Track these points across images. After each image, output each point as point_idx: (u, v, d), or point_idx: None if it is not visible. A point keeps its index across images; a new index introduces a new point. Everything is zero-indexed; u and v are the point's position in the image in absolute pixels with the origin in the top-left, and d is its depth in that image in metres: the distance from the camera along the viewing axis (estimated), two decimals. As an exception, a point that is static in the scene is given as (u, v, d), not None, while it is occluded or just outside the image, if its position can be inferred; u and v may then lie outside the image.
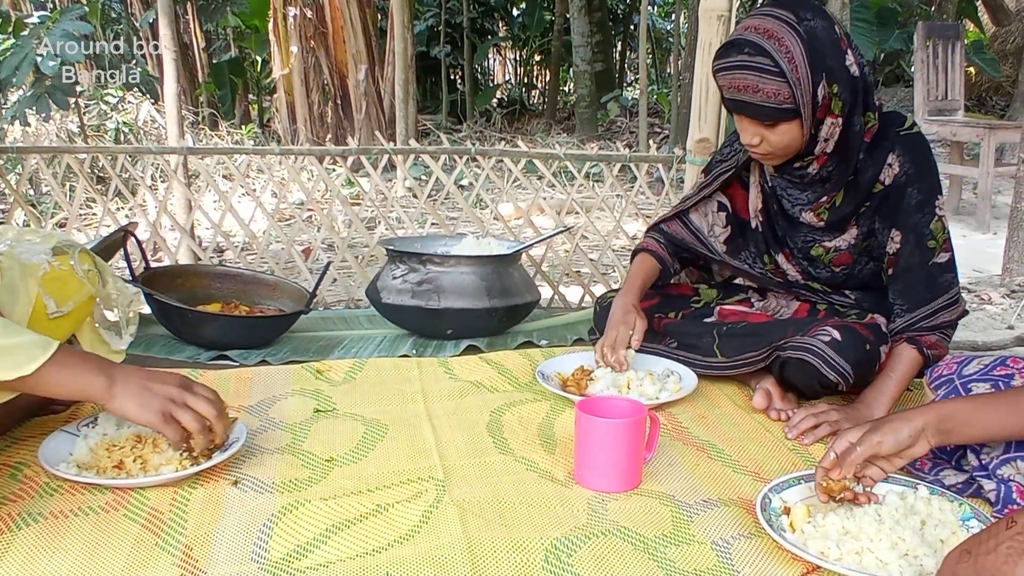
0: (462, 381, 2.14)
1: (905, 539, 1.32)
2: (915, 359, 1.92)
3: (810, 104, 1.83)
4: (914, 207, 1.94)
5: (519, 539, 1.39)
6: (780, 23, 1.81)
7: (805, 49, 1.79)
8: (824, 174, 1.98)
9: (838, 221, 2.03)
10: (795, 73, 1.79)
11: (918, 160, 1.94)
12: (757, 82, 1.80)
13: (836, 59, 1.83)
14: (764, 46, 1.79)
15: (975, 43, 10.02)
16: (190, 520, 1.43)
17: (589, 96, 10.47)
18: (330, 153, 3.23)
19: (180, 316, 2.35)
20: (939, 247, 1.95)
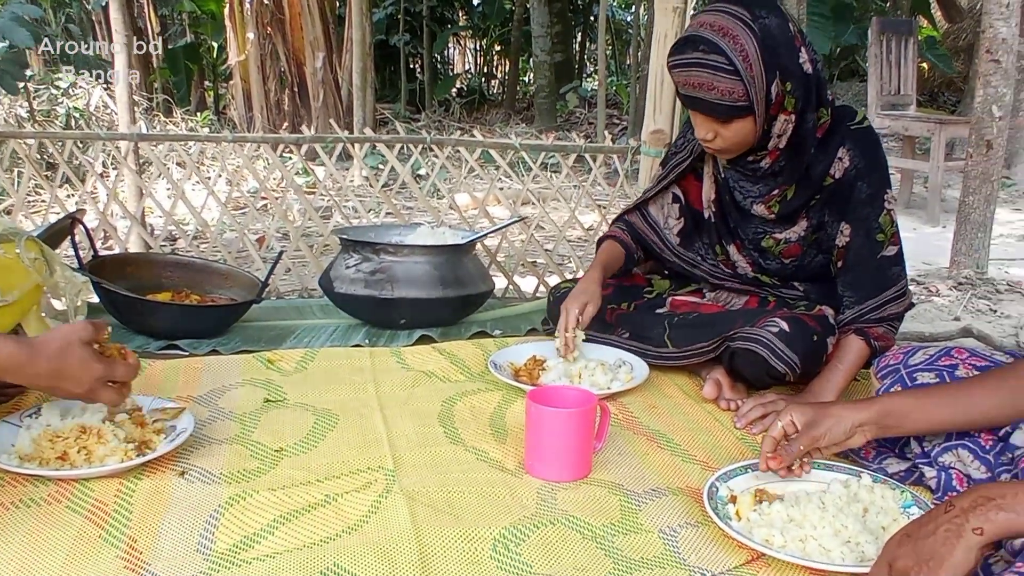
0: (414, 371, 2.13)
1: (848, 526, 1.34)
2: (863, 350, 1.95)
3: (764, 101, 1.85)
4: (864, 201, 1.97)
5: (467, 529, 1.39)
6: (735, 20, 1.81)
7: (759, 47, 1.80)
8: (776, 168, 2.00)
9: (789, 214, 2.06)
10: (749, 71, 1.80)
11: (868, 154, 1.96)
12: (712, 80, 1.81)
13: (790, 57, 1.85)
14: (719, 44, 1.80)
15: (928, 39, 10.17)
16: (135, 511, 1.41)
17: (548, 87, 10.48)
18: (284, 141, 3.20)
19: (129, 305, 2.32)
20: (887, 240, 1.98)
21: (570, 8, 13.03)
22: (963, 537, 1.05)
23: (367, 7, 8.00)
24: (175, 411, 1.70)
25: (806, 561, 1.29)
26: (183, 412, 1.70)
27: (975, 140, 4.16)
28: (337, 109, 8.48)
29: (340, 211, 3.24)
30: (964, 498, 1.09)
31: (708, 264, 2.26)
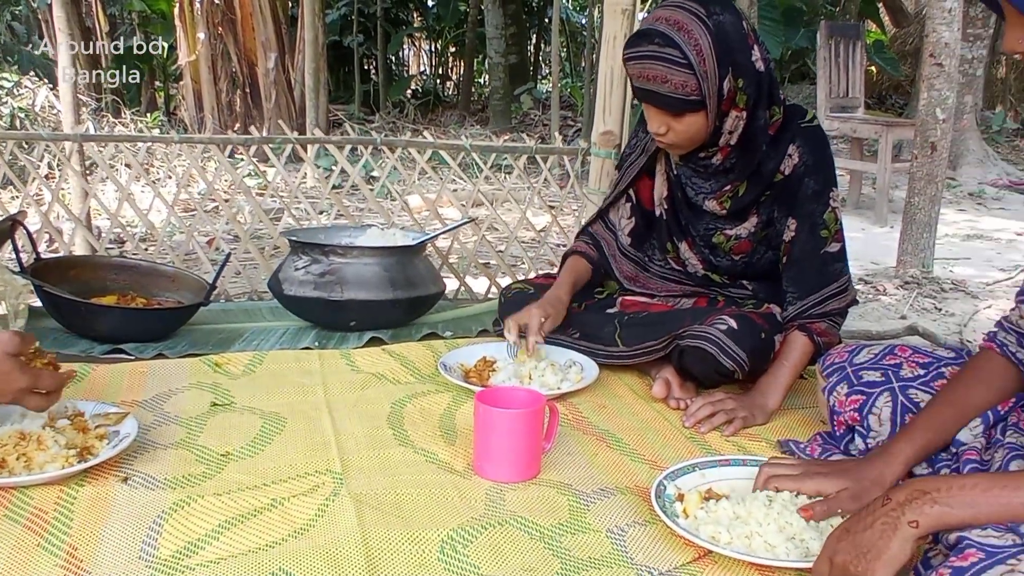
0: (364, 373, 2.12)
1: (792, 523, 1.36)
2: (806, 346, 1.98)
3: (716, 96, 1.87)
4: (810, 197, 2.00)
5: (415, 531, 1.38)
6: (690, 16, 1.84)
7: (713, 43, 1.83)
8: (727, 165, 2.03)
9: (740, 210, 2.08)
10: (703, 66, 1.83)
11: (816, 152, 2.00)
12: (666, 73, 1.84)
13: (743, 54, 1.88)
14: (674, 38, 1.82)
15: (876, 43, 10.36)
16: (76, 519, 1.39)
17: (503, 88, 10.49)
18: (232, 142, 3.16)
19: (72, 308, 2.28)
20: (831, 237, 2.01)
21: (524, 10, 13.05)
22: (899, 530, 1.07)
23: (320, 8, 7.95)
24: (118, 416, 1.67)
25: (752, 557, 1.30)
26: (126, 417, 1.67)
27: (920, 142, 4.24)
28: (290, 110, 8.41)
29: (290, 213, 3.21)
30: (900, 492, 1.11)
31: (657, 264, 2.27)
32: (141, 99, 9.86)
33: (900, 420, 1.56)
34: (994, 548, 1.00)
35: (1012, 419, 1.45)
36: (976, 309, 3.72)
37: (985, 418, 1.46)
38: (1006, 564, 0.97)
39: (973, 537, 1.03)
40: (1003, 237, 5.57)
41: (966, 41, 7.04)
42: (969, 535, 1.04)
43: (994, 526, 1.04)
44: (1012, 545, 1.00)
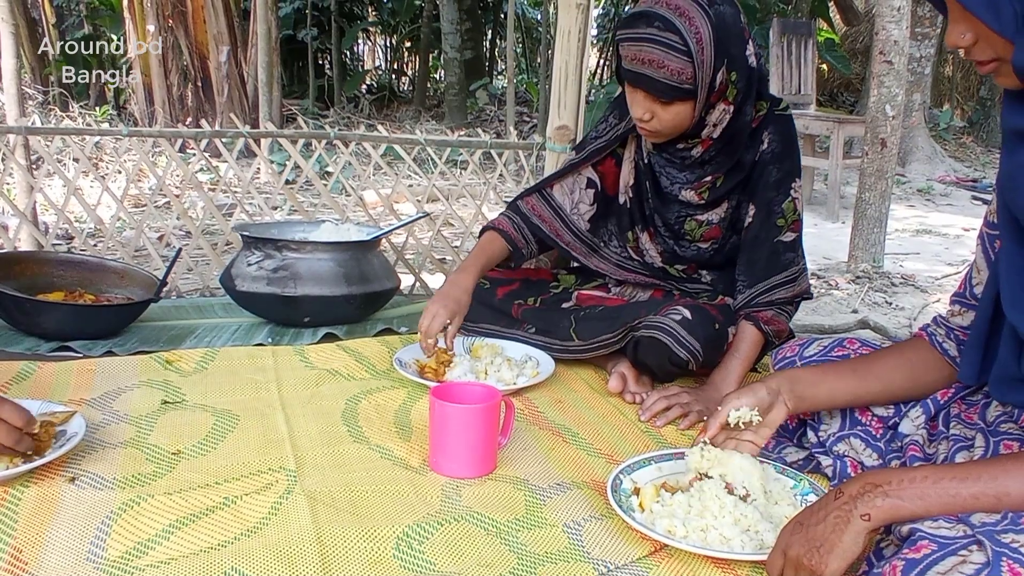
0: (318, 369, 2.10)
1: (747, 515, 1.37)
2: (755, 336, 2.00)
3: (708, 87, 1.87)
4: (771, 184, 2.02)
5: (370, 528, 1.37)
6: (692, 3, 1.84)
7: (713, 32, 1.83)
8: (706, 157, 2.04)
9: (716, 199, 2.10)
10: (701, 55, 1.83)
11: (784, 140, 2.02)
12: (663, 58, 1.82)
13: (739, 47, 1.89)
14: (675, 23, 1.81)
15: (827, 41, 10.48)
16: (20, 520, 1.35)
17: (459, 84, 10.46)
18: (182, 136, 3.11)
19: (16, 305, 2.22)
20: (787, 226, 2.02)
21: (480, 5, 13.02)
22: (851, 523, 1.08)
23: (273, 1, 7.85)
24: (65, 415, 1.63)
25: (707, 550, 1.31)
26: (74, 416, 1.63)
27: (870, 139, 4.30)
28: (243, 105, 8.30)
29: (243, 208, 3.17)
30: (852, 485, 1.12)
31: (612, 251, 2.27)
32: (90, 93, 9.67)
33: (849, 413, 1.58)
34: (946, 540, 1.02)
35: (954, 410, 1.48)
36: (925, 303, 3.79)
37: (926, 408, 1.49)
38: (958, 555, 0.99)
39: (925, 529, 1.05)
40: (951, 232, 5.67)
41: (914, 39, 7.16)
42: (921, 527, 1.05)
43: (945, 518, 1.06)
44: (963, 536, 1.02)
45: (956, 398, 1.49)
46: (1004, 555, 0.96)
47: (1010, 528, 1.01)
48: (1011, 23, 1.09)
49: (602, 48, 14.18)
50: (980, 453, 1.33)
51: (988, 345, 1.34)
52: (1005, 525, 1.02)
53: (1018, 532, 0.99)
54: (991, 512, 1.05)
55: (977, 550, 0.98)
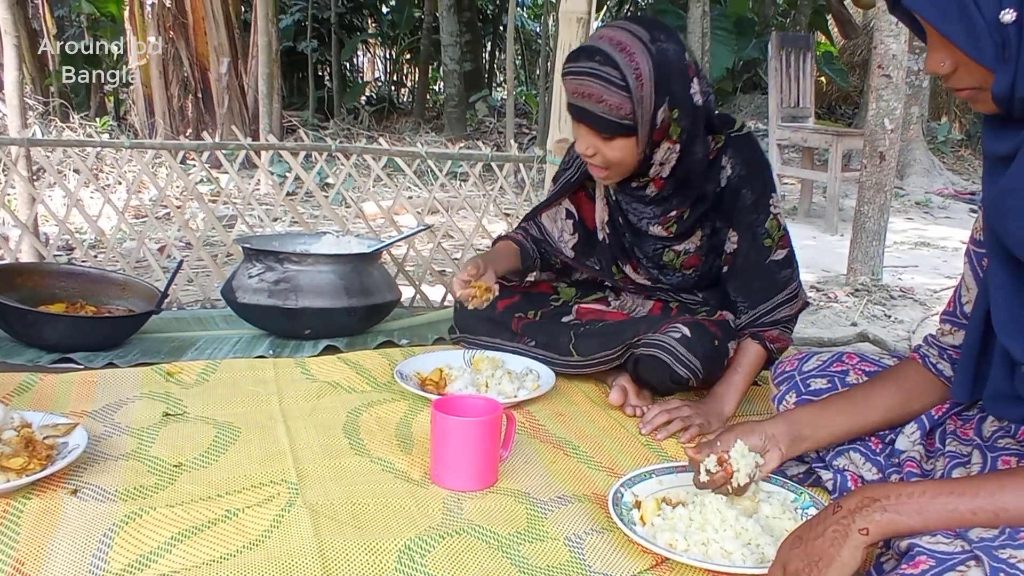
0: (319, 382, 2.10)
1: (748, 528, 1.37)
2: (759, 353, 2.00)
3: (648, 124, 1.86)
4: (749, 207, 2.00)
5: (372, 541, 1.37)
6: (634, 38, 1.83)
7: (653, 69, 1.82)
8: (664, 194, 2.03)
9: (685, 231, 2.09)
10: (640, 90, 1.82)
11: (749, 161, 2.00)
12: (602, 92, 1.82)
13: (681, 85, 1.87)
14: (615, 57, 1.81)
15: (826, 54, 10.54)
16: (23, 533, 1.36)
17: (458, 96, 10.49)
18: (184, 148, 3.12)
19: (18, 317, 2.23)
20: (775, 244, 2.01)
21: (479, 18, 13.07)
22: (849, 537, 1.08)
23: (273, 13, 7.88)
24: (67, 427, 1.64)
25: (708, 564, 1.31)
26: (75, 428, 1.64)
27: (869, 152, 4.32)
28: (243, 116, 8.32)
29: (244, 220, 3.18)
30: (851, 499, 1.12)
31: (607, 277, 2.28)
32: (90, 103, 9.70)
33: None
34: (944, 555, 1.02)
35: (950, 427, 1.48)
36: (924, 316, 3.79)
37: (921, 425, 1.50)
38: (956, 571, 0.99)
39: (923, 544, 1.05)
40: (949, 245, 5.68)
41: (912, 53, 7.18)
42: (919, 542, 1.06)
43: (944, 533, 1.06)
44: (961, 552, 1.02)
45: (951, 413, 1.50)
46: (1002, 571, 0.96)
47: (1008, 543, 1.01)
48: (991, 53, 1.09)
49: (601, 60, 14.19)
50: (977, 469, 1.33)
51: (980, 363, 1.34)
52: (1003, 540, 1.02)
53: (1016, 548, 0.99)
54: (989, 527, 1.05)
55: (975, 566, 0.99)
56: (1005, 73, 1.10)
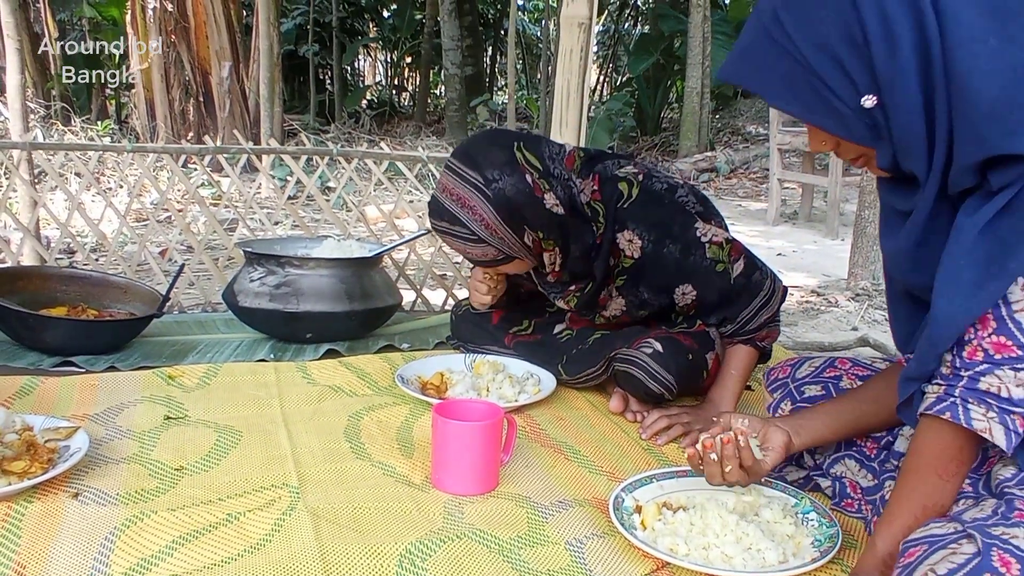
0: (320, 386, 2.10)
1: (749, 533, 1.37)
2: (750, 353, 2.03)
3: (522, 249, 1.89)
4: (680, 257, 1.95)
5: (373, 545, 1.37)
6: (470, 189, 1.82)
7: (497, 213, 1.82)
8: (565, 279, 2.04)
9: (586, 304, 2.09)
10: (495, 235, 1.84)
11: (652, 220, 1.94)
12: (465, 247, 1.88)
13: (532, 209, 1.84)
14: (459, 216, 1.83)
15: (826, 58, 10.52)
16: (24, 536, 1.36)
17: (459, 100, 10.52)
18: (186, 152, 3.13)
19: (20, 320, 2.23)
20: (729, 263, 1.96)
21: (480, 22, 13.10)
22: None
23: (275, 17, 7.90)
24: (69, 430, 1.64)
25: (709, 568, 1.31)
26: (77, 431, 1.64)
27: (869, 156, 4.31)
28: (244, 119, 8.35)
29: (245, 224, 3.18)
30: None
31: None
32: (91, 107, 9.72)
33: None
34: (936, 537, 1.04)
35: None
36: (924, 321, 3.78)
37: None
38: (948, 548, 1.01)
39: (914, 536, 1.07)
40: (949, 250, 5.67)
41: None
42: (909, 538, 1.08)
43: (935, 519, 1.08)
44: (954, 533, 1.04)
45: None
46: (995, 546, 0.98)
47: (1000, 522, 1.04)
48: (865, 134, 1.13)
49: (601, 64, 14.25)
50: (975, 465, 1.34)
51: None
52: (996, 520, 1.05)
53: (1008, 526, 1.02)
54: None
55: (968, 543, 1.01)
56: (884, 149, 1.13)
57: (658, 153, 10.01)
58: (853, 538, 1.47)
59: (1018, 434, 1.11)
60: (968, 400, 1.14)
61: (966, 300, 1.09)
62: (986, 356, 1.11)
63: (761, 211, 6.83)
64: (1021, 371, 1.10)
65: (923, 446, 1.21)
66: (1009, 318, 1.09)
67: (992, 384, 1.11)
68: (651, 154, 9.93)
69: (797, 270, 4.74)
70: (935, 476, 1.18)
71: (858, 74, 1.08)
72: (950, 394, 1.15)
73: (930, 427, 1.19)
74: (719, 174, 8.57)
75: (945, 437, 1.17)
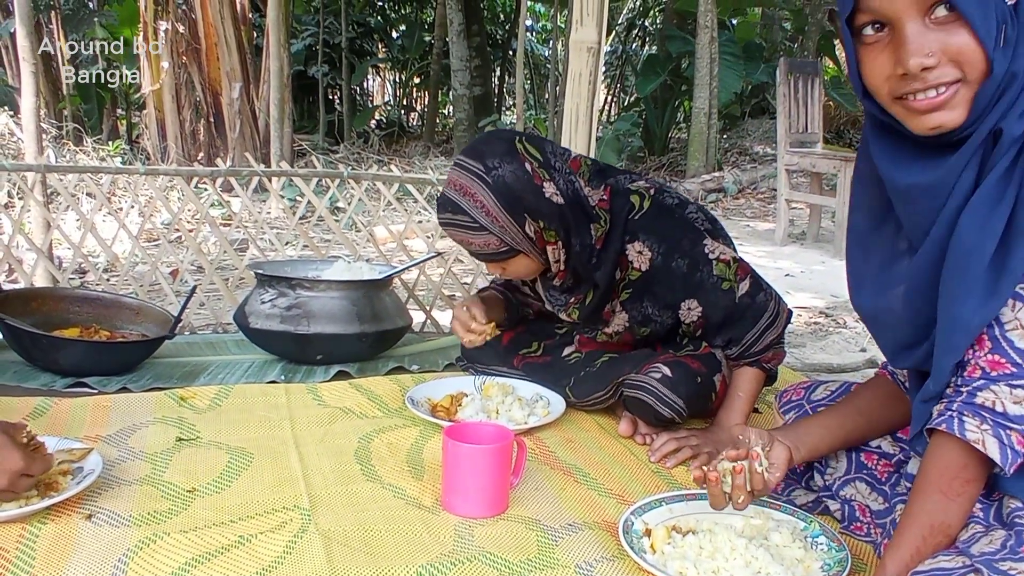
0: (331, 407, 2.11)
1: (758, 557, 1.38)
2: (758, 375, 2.03)
3: (525, 241, 1.92)
4: (688, 273, 1.96)
5: (384, 567, 1.38)
6: (471, 177, 1.88)
7: (498, 199, 1.86)
8: (568, 284, 2.07)
9: (588, 318, 2.11)
10: (496, 223, 1.88)
11: (663, 233, 1.96)
12: (467, 237, 1.91)
13: (533, 197, 1.88)
14: (461, 204, 1.88)
15: (833, 79, 10.57)
16: (38, 557, 1.37)
17: (468, 120, 10.56)
18: (198, 174, 3.15)
19: (33, 341, 2.25)
20: (735, 281, 1.98)
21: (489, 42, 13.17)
22: None
23: (285, 38, 7.96)
24: (82, 452, 1.65)
25: (719, 593, 1.32)
26: (90, 453, 1.65)
27: (877, 178, 4.32)
28: (254, 140, 8.39)
29: (256, 244, 3.20)
30: None
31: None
32: (103, 127, 9.79)
33: (855, 457, 1.59)
34: (944, 571, 1.05)
35: None
36: (933, 342, 3.78)
37: None
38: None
39: (923, 568, 1.07)
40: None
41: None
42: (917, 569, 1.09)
43: (943, 552, 1.08)
44: (962, 567, 1.04)
45: None
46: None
47: (1008, 556, 1.05)
48: (995, 35, 1.07)
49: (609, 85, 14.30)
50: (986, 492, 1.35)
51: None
52: (1004, 554, 1.06)
53: (1016, 560, 1.03)
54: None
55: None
56: (1003, 57, 1.08)
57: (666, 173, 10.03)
58: (863, 562, 1.47)
59: (1015, 451, 1.13)
60: (964, 413, 1.17)
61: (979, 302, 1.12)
62: (983, 373, 1.15)
63: (769, 231, 6.83)
64: (1017, 388, 1.13)
65: (927, 464, 1.23)
66: (1002, 337, 1.13)
67: (988, 399, 1.15)
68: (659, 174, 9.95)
69: (805, 291, 4.74)
70: (939, 494, 1.19)
71: None
72: (949, 408, 1.19)
73: (933, 444, 1.22)
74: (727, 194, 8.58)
75: (946, 453, 1.19)
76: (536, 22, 16.54)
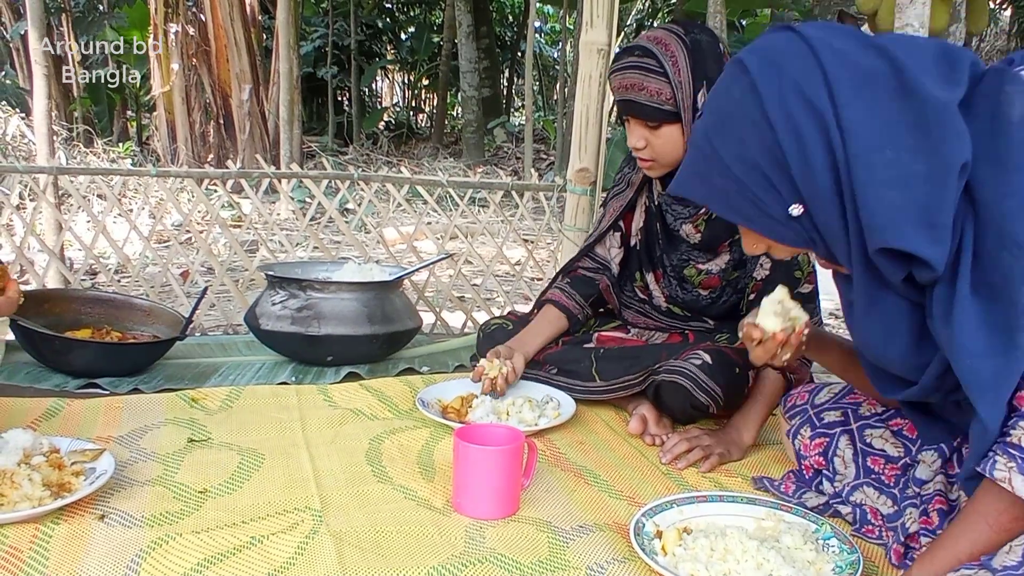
0: (341, 409, 2.12)
1: (769, 559, 1.37)
2: (779, 382, 2.00)
3: (691, 108, 1.95)
4: None
5: (396, 569, 1.38)
6: (670, 33, 1.98)
7: (688, 56, 1.95)
8: None
9: (711, 238, 2.11)
10: (678, 76, 1.93)
11: None
12: (643, 80, 1.95)
13: (717, 69, 1.94)
14: (652, 49, 1.95)
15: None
16: (52, 558, 1.37)
17: (476, 121, 10.57)
18: (209, 176, 3.16)
19: (46, 342, 2.26)
20: (804, 278, 2.03)
21: (498, 44, 13.18)
22: None
23: (295, 40, 7.98)
24: (94, 452, 1.66)
25: (730, 595, 1.31)
26: (103, 453, 1.66)
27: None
28: (263, 141, 8.42)
29: (266, 246, 3.21)
30: None
31: (627, 294, 2.31)
32: (113, 128, 9.83)
33: (862, 462, 1.59)
34: None
35: (966, 449, 1.48)
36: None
37: (941, 452, 1.50)
38: None
39: None
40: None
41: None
42: None
43: (967, 565, 1.07)
44: None
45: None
46: None
47: None
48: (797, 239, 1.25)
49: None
50: None
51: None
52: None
53: None
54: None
55: None
56: (819, 248, 1.25)
57: (675, 174, 10.01)
58: (874, 564, 1.47)
59: None
60: (997, 452, 1.16)
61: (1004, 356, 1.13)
62: (1016, 412, 1.14)
63: (778, 233, 6.83)
64: None
65: (979, 495, 1.22)
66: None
67: (1018, 436, 1.14)
68: (668, 175, 9.93)
69: (815, 292, 4.72)
70: (985, 525, 1.19)
71: (783, 188, 1.20)
72: (991, 450, 1.18)
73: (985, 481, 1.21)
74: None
75: (992, 490, 1.19)
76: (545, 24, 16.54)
